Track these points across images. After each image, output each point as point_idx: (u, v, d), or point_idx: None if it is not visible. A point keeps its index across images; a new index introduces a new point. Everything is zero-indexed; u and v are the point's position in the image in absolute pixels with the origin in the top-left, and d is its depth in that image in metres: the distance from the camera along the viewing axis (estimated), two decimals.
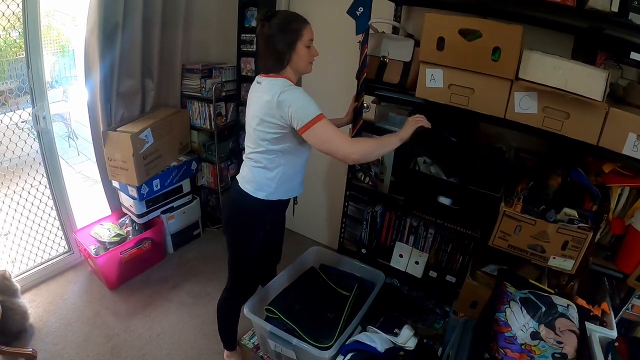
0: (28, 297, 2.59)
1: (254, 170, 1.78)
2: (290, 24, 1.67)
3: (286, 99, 1.59)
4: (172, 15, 2.85)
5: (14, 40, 2.53)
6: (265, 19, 1.67)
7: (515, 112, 1.71)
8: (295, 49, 1.68)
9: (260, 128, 1.68)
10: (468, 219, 1.94)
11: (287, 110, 1.58)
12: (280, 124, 1.63)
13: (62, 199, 2.79)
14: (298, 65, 1.72)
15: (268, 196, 1.79)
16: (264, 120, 1.65)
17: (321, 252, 2.43)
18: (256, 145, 1.74)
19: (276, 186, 1.79)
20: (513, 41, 1.60)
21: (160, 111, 2.94)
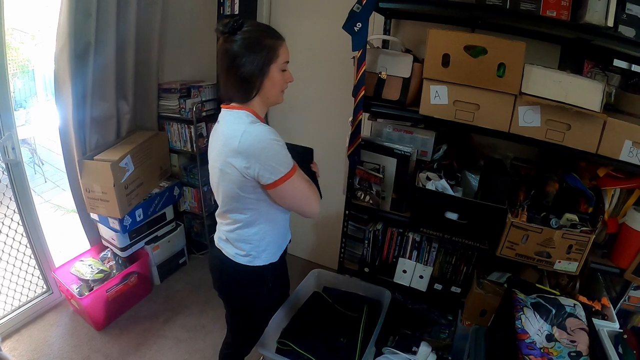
0: (9, 344, 2.40)
1: (234, 232, 1.49)
2: (263, 40, 1.32)
3: (249, 147, 1.27)
4: (147, 33, 2.71)
5: None
6: (229, 31, 1.30)
7: (520, 126, 1.72)
8: (269, 73, 1.35)
9: (223, 182, 1.39)
10: (475, 232, 1.92)
11: (250, 160, 1.28)
12: (240, 177, 1.32)
13: (37, 236, 2.60)
14: (270, 94, 1.40)
15: (251, 261, 1.52)
16: (224, 172, 1.35)
17: (322, 275, 2.35)
18: (224, 202, 1.46)
19: (260, 249, 1.52)
20: (517, 57, 1.62)
21: (138, 135, 2.79)
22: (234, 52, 1.30)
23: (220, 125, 1.40)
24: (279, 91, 1.43)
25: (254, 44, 1.31)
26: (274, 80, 1.37)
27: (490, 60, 1.64)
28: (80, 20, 2.31)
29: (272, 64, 1.34)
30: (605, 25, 1.55)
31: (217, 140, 1.39)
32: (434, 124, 1.93)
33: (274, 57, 1.34)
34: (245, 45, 1.30)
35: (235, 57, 1.30)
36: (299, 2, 2.80)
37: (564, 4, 1.61)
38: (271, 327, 1.99)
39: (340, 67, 2.60)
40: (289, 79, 1.44)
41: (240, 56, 1.30)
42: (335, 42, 2.48)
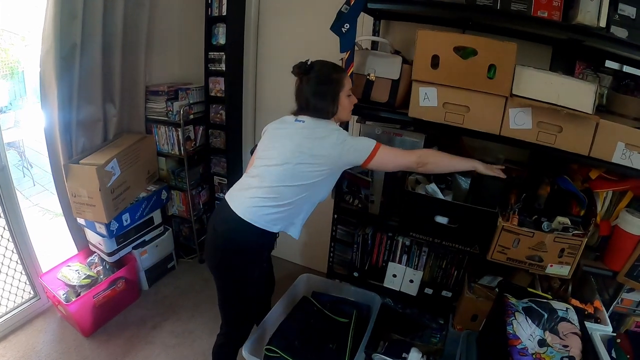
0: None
1: (272, 207, 1.66)
2: (331, 75, 1.69)
3: (344, 136, 1.64)
4: (134, 35, 2.65)
5: None
6: (303, 72, 1.70)
7: (511, 128, 1.69)
8: (339, 100, 1.71)
9: (305, 164, 1.63)
10: (466, 236, 1.89)
11: (347, 147, 1.62)
12: (330, 163, 1.63)
13: (23, 241, 2.54)
14: (342, 114, 1.76)
15: (282, 228, 1.73)
16: (316, 157, 1.62)
17: (312, 280, 2.32)
18: (289, 179, 1.65)
19: (292, 221, 1.74)
20: (508, 58, 1.58)
21: (125, 138, 2.72)
22: (312, 86, 1.69)
23: (307, 124, 1.70)
24: (348, 112, 1.79)
25: (325, 78, 1.69)
26: (343, 105, 1.74)
27: (481, 61, 1.60)
28: (66, 22, 2.26)
29: (340, 92, 1.71)
30: (598, 26, 1.53)
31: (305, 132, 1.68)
32: (424, 127, 1.89)
33: (340, 88, 1.70)
34: (318, 81, 1.68)
35: (313, 93, 1.69)
36: (286, 3, 2.76)
37: (556, 4, 1.59)
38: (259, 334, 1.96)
39: None
40: (354, 102, 1.80)
41: (317, 91, 1.68)
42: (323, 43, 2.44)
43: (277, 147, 1.70)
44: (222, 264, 1.74)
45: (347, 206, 2.16)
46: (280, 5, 2.79)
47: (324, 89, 1.68)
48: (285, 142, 1.68)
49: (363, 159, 1.63)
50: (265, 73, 2.99)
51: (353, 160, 1.64)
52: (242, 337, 1.90)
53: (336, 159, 1.63)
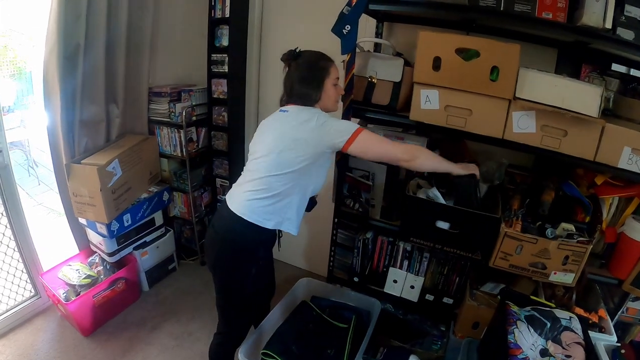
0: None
1: (262, 199, 1.65)
2: (318, 62, 1.70)
3: (326, 118, 1.61)
4: (138, 35, 2.64)
5: None
6: (291, 57, 1.72)
7: (514, 132, 1.66)
8: (324, 87, 1.70)
9: (288, 150, 1.61)
10: (467, 242, 1.85)
11: (327, 128, 1.58)
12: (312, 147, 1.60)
13: (25, 240, 2.54)
14: (327, 104, 1.74)
15: (276, 225, 1.70)
16: (298, 141, 1.60)
17: (311, 284, 2.29)
18: (274, 168, 1.63)
19: (285, 216, 1.71)
20: (511, 60, 1.56)
21: (127, 139, 2.71)
22: (299, 72, 1.69)
23: (291, 113, 1.69)
24: (334, 101, 1.77)
25: (311, 64, 1.70)
26: (328, 93, 1.72)
27: (483, 63, 1.58)
28: (70, 22, 2.26)
29: (325, 79, 1.70)
30: (604, 28, 1.50)
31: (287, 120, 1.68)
32: (426, 130, 1.86)
33: (326, 74, 1.70)
34: (304, 66, 1.70)
35: (298, 77, 1.69)
36: (289, 5, 2.75)
37: (561, 5, 1.56)
38: (256, 337, 1.93)
39: None
40: (340, 92, 1.80)
41: (302, 75, 1.69)
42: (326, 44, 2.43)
43: (263, 140, 1.71)
44: (219, 261, 1.74)
45: (348, 210, 2.13)
46: (283, 7, 2.78)
47: (310, 75, 1.68)
48: (270, 133, 1.70)
49: (343, 140, 1.58)
50: (268, 75, 2.98)
51: (333, 142, 1.60)
52: (239, 337, 1.90)
53: (317, 141, 1.59)
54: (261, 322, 2.02)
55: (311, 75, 1.68)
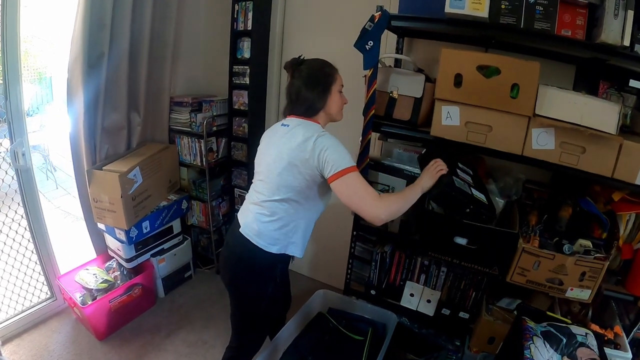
0: (9, 348, 2.38)
1: (267, 223, 1.64)
2: (324, 68, 1.67)
3: (323, 142, 1.52)
4: (160, 45, 2.73)
5: None
6: (296, 64, 1.68)
7: (533, 149, 1.68)
8: (331, 94, 1.66)
9: (286, 173, 1.57)
10: (485, 257, 1.86)
11: (322, 154, 1.50)
12: (309, 171, 1.54)
13: (43, 243, 2.60)
14: (333, 111, 1.70)
15: (281, 250, 1.66)
16: (293, 164, 1.55)
17: (328, 296, 2.31)
18: (275, 192, 1.61)
19: (290, 240, 1.68)
20: (531, 77, 1.58)
21: (148, 147, 2.78)
22: (303, 78, 1.64)
23: (291, 128, 1.63)
24: (340, 107, 1.73)
25: (318, 71, 1.66)
26: (334, 99, 1.68)
27: (504, 80, 1.61)
28: (95, 31, 2.34)
29: (332, 86, 1.66)
30: (622, 45, 1.53)
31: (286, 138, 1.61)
32: (446, 145, 1.87)
33: (332, 81, 1.67)
34: (310, 73, 1.65)
35: (303, 84, 1.63)
36: (311, 19, 2.81)
37: (579, 22, 1.60)
38: (272, 349, 1.95)
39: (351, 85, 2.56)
40: (345, 101, 1.75)
41: (307, 82, 1.63)
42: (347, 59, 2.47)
43: (264, 159, 1.69)
44: (234, 280, 1.75)
45: (367, 224, 2.14)
46: (305, 21, 2.83)
47: (316, 81, 1.64)
48: (270, 151, 1.66)
49: (331, 172, 1.50)
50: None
51: (323, 171, 1.52)
52: (250, 353, 1.89)
53: (312, 169, 1.53)
54: (277, 333, 2.04)
55: (317, 81, 1.64)
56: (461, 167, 1.86)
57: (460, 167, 1.86)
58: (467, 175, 1.85)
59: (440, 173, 1.65)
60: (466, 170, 1.89)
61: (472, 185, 1.80)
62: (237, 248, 1.69)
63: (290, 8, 2.88)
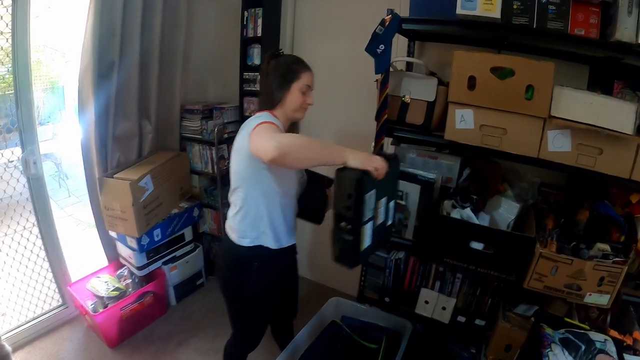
0: (20, 356, 2.40)
1: (235, 216, 1.69)
2: (291, 65, 1.67)
3: (256, 121, 1.51)
4: (171, 53, 2.75)
5: (3, 76, 2.38)
6: (271, 56, 1.70)
7: (549, 151, 1.65)
8: (290, 89, 1.65)
9: (236, 161, 1.64)
10: (501, 263, 1.84)
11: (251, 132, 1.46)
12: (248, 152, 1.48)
13: (54, 250, 2.62)
14: (289, 107, 1.67)
15: (253, 242, 1.68)
16: (237, 150, 1.61)
17: (341, 303, 2.28)
18: (233, 183, 1.68)
19: (260, 230, 1.68)
20: (546, 78, 1.56)
21: (159, 155, 2.80)
22: (269, 70, 1.67)
23: (248, 120, 1.65)
24: (298, 108, 1.68)
25: (284, 66, 1.66)
26: (293, 97, 1.66)
27: (518, 82, 1.59)
28: (105, 40, 2.36)
29: (293, 82, 1.65)
30: (636, 43, 1.51)
31: (242, 129, 1.63)
32: (460, 149, 1.87)
33: (295, 77, 1.65)
34: (277, 66, 1.66)
35: (269, 74, 1.67)
36: (321, 25, 2.82)
37: (593, 21, 1.58)
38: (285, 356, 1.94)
39: (363, 90, 2.58)
40: (309, 102, 1.71)
41: (272, 73, 1.66)
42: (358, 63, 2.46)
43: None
44: (219, 278, 1.86)
45: None
46: (315, 26, 2.85)
47: (279, 74, 1.64)
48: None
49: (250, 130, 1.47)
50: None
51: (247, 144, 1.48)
52: (246, 342, 1.94)
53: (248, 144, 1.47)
54: (287, 343, 2.02)
55: (280, 75, 1.65)
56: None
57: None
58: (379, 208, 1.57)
59: (370, 168, 1.39)
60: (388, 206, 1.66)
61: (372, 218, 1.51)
62: (221, 246, 1.81)
63: (300, 13, 2.89)
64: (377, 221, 1.54)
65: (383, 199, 1.55)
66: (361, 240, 1.47)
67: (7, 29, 2.17)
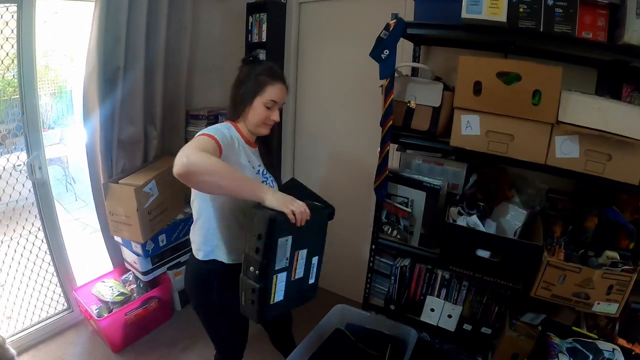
0: (25, 359, 2.42)
1: (193, 227, 1.64)
2: (259, 76, 1.55)
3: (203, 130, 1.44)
4: (176, 58, 2.75)
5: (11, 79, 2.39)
6: (244, 62, 1.63)
7: (557, 157, 1.63)
8: (252, 103, 1.55)
9: None
10: (508, 271, 1.81)
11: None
12: None
13: (60, 255, 2.64)
14: (251, 121, 1.57)
15: (207, 255, 1.60)
16: None
17: (346, 311, 2.26)
18: (193, 196, 1.60)
19: (213, 244, 1.59)
20: (553, 83, 1.54)
21: (164, 160, 2.79)
22: (238, 77, 1.60)
23: None
24: (260, 122, 1.57)
25: (251, 75, 1.56)
26: (255, 111, 1.55)
27: (525, 87, 1.57)
28: (110, 45, 2.37)
29: (257, 96, 1.54)
30: None
31: None
32: (466, 156, 1.85)
33: (259, 91, 1.54)
34: (245, 75, 1.57)
35: (236, 81, 1.59)
36: (326, 29, 2.82)
37: (600, 24, 1.56)
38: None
39: (368, 95, 2.59)
40: (273, 117, 1.59)
41: (238, 81, 1.59)
42: (364, 68, 2.46)
43: None
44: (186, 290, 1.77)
45: (386, 237, 2.13)
46: (320, 31, 2.85)
47: (244, 83, 1.56)
48: None
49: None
50: (306, 98, 3.03)
51: None
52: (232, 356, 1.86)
53: None
54: (288, 350, 1.99)
55: (245, 85, 1.55)
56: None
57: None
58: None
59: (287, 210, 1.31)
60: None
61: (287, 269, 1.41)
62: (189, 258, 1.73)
63: (305, 19, 2.90)
64: (293, 274, 1.43)
65: (303, 251, 1.43)
66: (271, 291, 1.35)
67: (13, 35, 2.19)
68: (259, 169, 1.66)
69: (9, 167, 2.41)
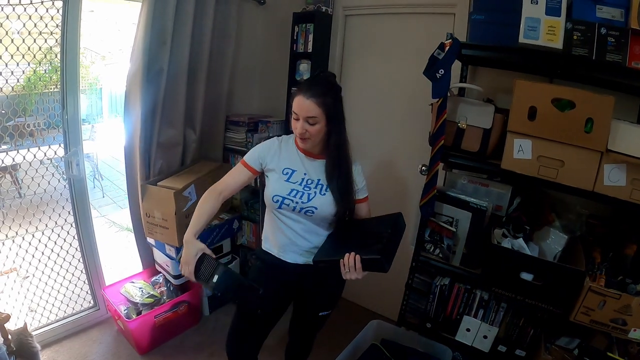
0: (48, 354, 2.48)
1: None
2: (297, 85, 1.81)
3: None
4: (219, 63, 2.85)
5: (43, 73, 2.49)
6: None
7: (604, 185, 1.68)
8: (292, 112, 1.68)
9: None
10: (549, 295, 1.85)
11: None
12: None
13: (91, 253, 2.72)
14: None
15: (262, 245, 1.94)
16: None
17: (381, 326, 2.32)
18: None
19: (265, 236, 1.92)
20: (605, 112, 1.60)
21: (202, 165, 2.89)
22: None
23: None
24: (295, 133, 1.67)
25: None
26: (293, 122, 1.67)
27: (578, 114, 1.62)
28: (155, 47, 2.45)
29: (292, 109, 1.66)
30: None
31: None
32: (512, 178, 1.88)
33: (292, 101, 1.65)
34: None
35: None
36: (371, 43, 2.87)
37: None
38: None
39: (414, 113, 2.62)
40: (295, 127, 1.65)
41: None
42: (408, 84, 2.48)
43: None
44: None
45: (427, 255, 2.17)
46: (365, 45, 2.91)
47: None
48: None
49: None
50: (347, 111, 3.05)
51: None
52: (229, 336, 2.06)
53: None
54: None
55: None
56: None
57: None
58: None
59: (185, 271, 1.67)
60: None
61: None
62: None
63: (350, 31, 2.96)
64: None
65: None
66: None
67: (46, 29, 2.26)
68: (305, 177, 1.75)
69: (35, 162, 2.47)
